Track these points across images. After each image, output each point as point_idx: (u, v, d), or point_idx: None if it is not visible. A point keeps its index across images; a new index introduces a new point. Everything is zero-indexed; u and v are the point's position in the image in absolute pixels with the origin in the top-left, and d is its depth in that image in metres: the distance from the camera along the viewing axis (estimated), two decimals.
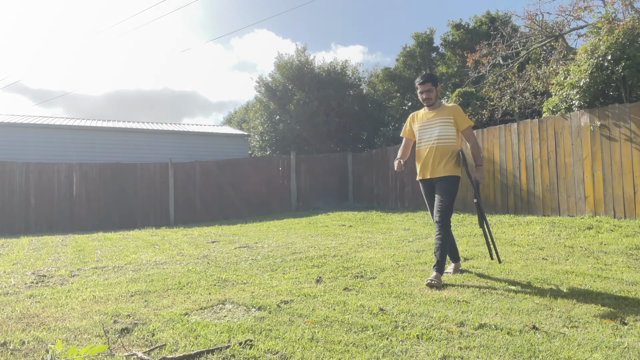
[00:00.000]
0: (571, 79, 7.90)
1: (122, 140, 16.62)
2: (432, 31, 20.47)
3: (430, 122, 4.11)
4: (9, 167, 11.90)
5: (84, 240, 8.30)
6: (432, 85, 4.07)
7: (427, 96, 4.08)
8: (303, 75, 17.60)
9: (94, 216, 12.53)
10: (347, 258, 5.19)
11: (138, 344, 2.54)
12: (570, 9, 12.30)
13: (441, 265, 3.80)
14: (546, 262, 4.60)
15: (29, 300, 3.63)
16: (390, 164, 12.06)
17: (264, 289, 3.79)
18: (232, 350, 2.37)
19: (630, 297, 3.25)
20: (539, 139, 8.04)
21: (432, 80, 4.10)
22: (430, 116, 4.12)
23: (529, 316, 2.88)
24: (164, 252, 6.32)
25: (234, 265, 5.02)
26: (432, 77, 4.15)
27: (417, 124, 4.22)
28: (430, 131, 4.09)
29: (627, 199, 6.71)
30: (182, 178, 13.34)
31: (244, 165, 14.04)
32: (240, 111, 37.06)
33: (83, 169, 12.62)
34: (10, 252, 6.91)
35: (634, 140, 6.69)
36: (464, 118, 4.09)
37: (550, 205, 7.82)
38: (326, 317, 2.91)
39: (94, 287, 4.07)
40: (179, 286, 3.99)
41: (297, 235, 7.70)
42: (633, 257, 4.70)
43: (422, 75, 4.19)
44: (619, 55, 7.25)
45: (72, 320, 3.01)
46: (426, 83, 4.07)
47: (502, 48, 13.61)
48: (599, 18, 8.35)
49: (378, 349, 2.35)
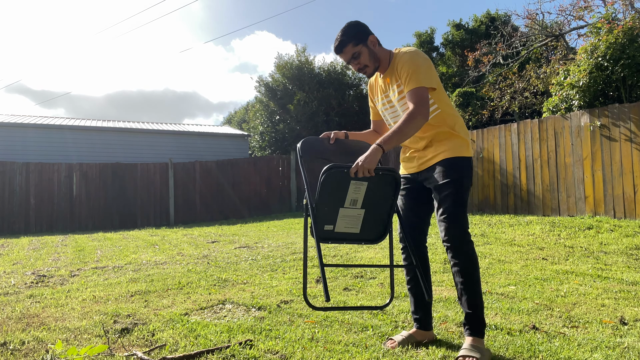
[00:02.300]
0: (571, 79, 7.90)
1: (122, 140, 16.63)
2: (432, 31, 20.50)
3: (389, 100, 2.50)
4: (9, 167, 11.90)
5: (84, 240, 8.30)
6: (354, 46, 2.38)
7: (359, 66, 2.44)
8: (303, 75, 17.60)
9: (94, 216, 12.54)
10: (347, 258, 5.19)
11: (138, 344, 2.54)
12: (571, 8, 12.32)
13: (475, 320, 2.22)
14: (546, 262, 4.60)
15: (29, 300, 3.63)
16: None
17: (264, 289, 3.79)
18: (232, 350, 2.37)
19: (630, 297, 3.25)
20: (539, 139, 8.04)
21: (352, 40, 2.38)
22: (385, 88, 2.50)
23: (529, 316, 2.88)
24: (164, 252, 6.32)
25: (234, 265, 5.02)
26: (349, 34, 2.39)
27: (378, 102, 2.61)
28: (395, 113, 2.49)
29: (627, 199, 6.71)
30: (182, 178, 13.34)
31: (244, 165, 14.04)
32: (240, 111, 37.07)
33: (83, 169, 12.62)
34: (10, 252, 6.91)
35: (634, 140, 6.69)
36: (412, 73, 2.27)
37: (550, 205, 7.82)
38: (326, 317, 2.91)
39: (94, 287, 4.06)
40: (179, 286, 3.99)
41: (297, 235, 7.70)
42: (633, 257, 4.70)
43: (335, 41, 2.42)
44: (618, 55, 7.25)
45: (72, 320, 3.01)
46: (345, 48, 2.39)
47: (503, 47, 13.61)
48: (599, 18, 8.35)
49: (378, 349, 2.35)
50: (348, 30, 2.41)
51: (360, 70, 2.46)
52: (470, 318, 2.22)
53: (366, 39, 2.41)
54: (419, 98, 2.21)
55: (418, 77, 2.25)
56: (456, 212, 2.26)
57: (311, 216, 2.04)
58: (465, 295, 2.23)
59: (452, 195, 2.27)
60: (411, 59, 2.30)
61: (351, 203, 2.10)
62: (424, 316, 2.47)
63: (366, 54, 2.41)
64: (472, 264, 2.24)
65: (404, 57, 2.34)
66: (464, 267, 2.23)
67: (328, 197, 2.08)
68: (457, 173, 2.30)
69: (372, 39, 2.43)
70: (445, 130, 2.37)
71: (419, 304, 2.47)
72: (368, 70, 2.46)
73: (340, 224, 2.12)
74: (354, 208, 2.11)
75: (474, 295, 2.23)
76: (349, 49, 2.41)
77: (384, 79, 2.48)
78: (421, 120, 2.19)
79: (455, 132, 2.37)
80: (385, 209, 2.18)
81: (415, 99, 2.22)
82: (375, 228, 2.22)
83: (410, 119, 2.17)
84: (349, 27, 2.43)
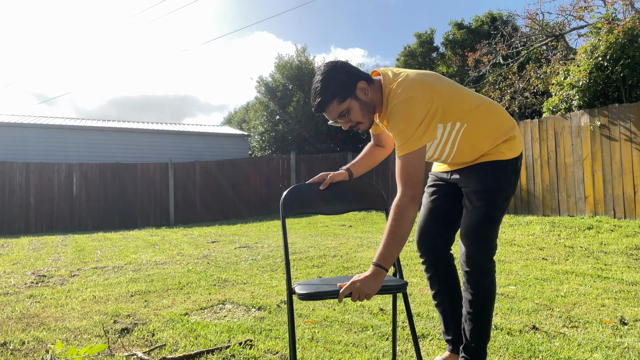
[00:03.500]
0: (571, 79, 7.90)
1: (122, 140, 16.62)
2: (432, 31, 20.50)
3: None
4: (9, 167, 11.90)
5: (84, 240, 8.30)
6: (340, 103, 1.83)
7: (350, 124, 1.91)
8: (303, 75, 17.60)
9: (94, 216, 12.54)
10: (347, 258, 5.19)
11: (138, 344, 2.54)
12: (571, 8, 12.32)
13: (474, 353, 1.96)
14: (546, 262, 4.60)
15: (29, 300, 3.63)
16: (390, 164, 12.06)
17: (264, 289, 3.79)
18: (232, 350, 2.37)
19: (630, 297, 3.25)
20: (539, 139, 8.04)
21: (335, 96, 1.82)
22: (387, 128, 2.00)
23: (529, 316, 2.88)
24: (164, 252, 6.32)
25: (234, 265, 5.02)
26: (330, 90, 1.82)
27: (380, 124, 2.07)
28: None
29: (627, 199, 6.71)
30: (182, 178, 13.34)
31: (244, 165, 14.04)
32: (241, 111, 37.09)
33: (83, 169, 12.62)
34: (10, 252, 6.91)
35: (634, 140, 6.69)
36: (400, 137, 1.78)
37: (550, 205, 7.82)
38: (326, 317, 2.91)
39: (94, 287, 4.06)
40: (179, 286, 3.99)
41: (297, 235, 7.70)
42: (633, 257, 4.70)
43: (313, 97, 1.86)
44: (618, 55, 7.25)
45: (72, 320, 3.01)
46: (328, 108, 1.85)
47: (503, 47, 13.62)
48: (599, 18, 8.35)
49: (378, 349, 2.35)
50: (328, 84, 1.81)
51: (351, 129, 1.94)
52: (470, 349, 1.95)
53: (354, 89, 1.82)
54: (407, 174, 1.75)
55: (407, 141, 1.75)
56: (486, 231, 1.90)
57: (285, 272, 1.87)
58: (471, 325, 1.93)
59: (485, 208, 1.88)
60: (401, 117, 1.77)
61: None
62: (456, 338, 2.04)
63: (357, 109, 1.85)
64: (486, 299, 1.91)
65: (395, 111, 1.79)
66: (477, 302, 1.92)
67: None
68: (497, 181, 1.89)
69: (361, 86, 1.83)
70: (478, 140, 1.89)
71: (449, 324, 2.07)
72: (362, 127, 1.92)
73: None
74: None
75: (479, 328, 1.92)
76: (334, 107, 1.84)
77: (382, 122, 1.96)
78: (413, 209, 1.74)
79: (493, 134, 1.89)
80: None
81: (404, 176, 1.76)
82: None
83: (400, 215, 1.71)
84: (329, 78, 1.82)
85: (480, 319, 1.92)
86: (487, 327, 1.95)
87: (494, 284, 1.96)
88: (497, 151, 1.89)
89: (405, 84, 1.80)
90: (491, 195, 1.89)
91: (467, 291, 1.94)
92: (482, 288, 1.91)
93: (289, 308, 1.77)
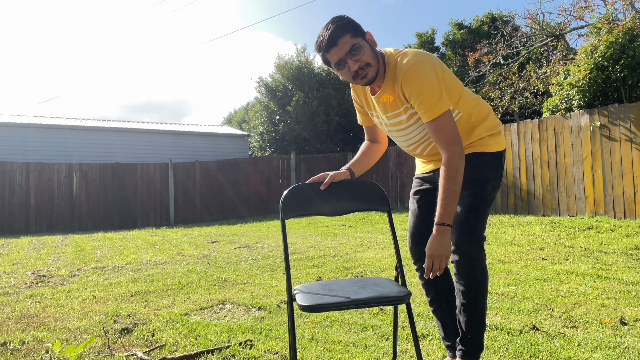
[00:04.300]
0: (571, 79, 7.90)
1: (122, 140, 16.62)
2: (433, 31, 20.53)
3: (395, 122, 1.96)
4: (9, 167, 11.90)
5: (84, 240, 8.30)
6: (353, 37, 1.76)
7: (359, 65, 1.78)
8: (303, 75, 17.60)
9: (94, 216, 12.54)
10: (347, 258, 5.19)
11: (138, 344, 2.54)
12: (571, 8, 12.32)
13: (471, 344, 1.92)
14: (546, 262, 4.60)
15: (29, 300, 3.63)
16: (390, 164, 12.06)
17: (264, 289, 3.79)
18: (232, 350, 2.37)
19: (630, 297, 3.25)
20: (539, 139, 8.04)
21: (350, 29, 1.76)
22: (383, 106, 1.94)
23: (529, 316, 2.88)
24: (164, 252, 6.32)
25: (234, 265, 5.02)
26: (345, 23, 1.78)
27: (373, 117, 2.09)
28: (405, 135, 2.00)
29: (627, 199, 6.71)
30: (182, 178, 13.35)
31: (244, 165, 14.04)
32: (240, 111, 37.08)
33: (83, 169, 12.62)
34: (10, 252, 6.91)
35: (634, 140, 6.69)
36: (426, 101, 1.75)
37: (550, 205, 7.82)
38: (326, 317, 2.91)
39: (94, 287, 4.06)
40: (179, 286, 3.99)
41: (297, 235, 7.70)
42: (633, 257, 4.70)
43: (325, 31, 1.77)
44: (618, 55, 7.25)
45: (72, 320, 3.01)
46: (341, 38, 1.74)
47: (503, 47, 13.62)
48: (599, 18, 8.35)
49: (378, 349, 2.35)
50: (342, 20, 1.78)
51: (357, 74, 1.80)
52: (467, 341, 1.92)
53: (364, 33, 1.82)
54: (447, 135, 1.75)
55: (435, 103, 1.74)
56: (471, 221, 1.85)
57: (285, 275, 1.84)
58: (466, 317, 1.90)
59: (470, 198, 1.85)
60: (418, 81, 1.75)
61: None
62: (456, 344, 1.99)
63: (368, 49, 1.79)
64: (478, 289, 1.87)
65: (409, 76, 1.76)
66: (469, 292, 1.88)
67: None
68: (483, 172, 1.89)
69: (369, 37, 1.83)
70: (467, 128, 1.94)
71: (449, 329, 2.03)
72: (370, 72, 1.80)
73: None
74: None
75: (474, 318, 1.90)
76: (347, 40, 1.74)
77: (379, 96, 1.91)
78: (463, 164, 1.75)
79: (481, 124, 1.94)
80: None
81: (443, 138, 1.75)
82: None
83: (454, 174, 1.72)
84: (341, 17, 1.80)
85: (474, 309, 1.89)
86: (482, 318, 1.92)
87: (485, 273, 1.93)
88: (483, 143, 1.92)
89: (411, 53, 1.82)
90: (476, 186, 1.87)
91: (458, 282, 1.91)
92: (473, 278, 1.87)
93: (289, 308, 1.76)
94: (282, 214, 1.95)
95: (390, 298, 1.66)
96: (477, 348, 1.92)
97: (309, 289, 1.80)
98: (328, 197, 2.01)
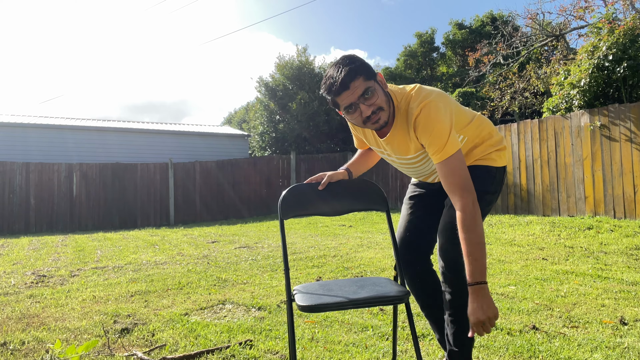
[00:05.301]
0: (571, 79, 7.90)
1: (122, 140, 16.62)
2: (433, 31, 20.53)
3: (402, 160, 1.95)
4: (9, 167, 11.91)
5: (84, 240, 8.30)
6: (366, 80, 1.67)
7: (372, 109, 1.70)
8: (303, 75, 17.61)
9: (94, 216, 12.54)
10: (347, 258, 5.19)
11: (138, 344, 2.54)
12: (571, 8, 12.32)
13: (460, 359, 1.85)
14: (546, 262, 4.60)
15: (29, 300, 3.63)
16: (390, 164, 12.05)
17: (264, 289, 3.79)
18: (232, 350, 2.37)
19: (630, 297, 3.25)
20: (539, 139, 8.04)
21: (363, 72, 1.67)
22: (392, 147, 1.89)
23: (529, 316, 2.88)
24: (164, 252, 6.32)
25: (234, 265, 5.02)
26: (357, 64, 1.68)
27: (379, 152, 2.05)
28: (411, 170, 2.00)
29: (627, 199, 6.71)
30: (182, 178, 13.35)
31: (244, 165, 14.04)
32: (241, 111, 37.08)
33: (83, 169, 12.62)
34: (10, 252, 6.91)
35: (634, 140, 6.69)
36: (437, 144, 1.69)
37: (550, 205, 7.82)
38: (326, 317, 2.91)
39: (94, 287, 4.07)
40: (179, 286, 3.99)
41: (297, 235, 7.70)
42: (633, 257, 4.70)
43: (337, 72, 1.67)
44: (619, 56, 7.25)
45: (72, 320, 3.01)
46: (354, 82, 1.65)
47: (503, 47, 13.62)
48: (600, 18, 8.35)
49: (378, 349, 2.35)
50: (354, 62, 1.67)
51: (369, 119, 1.70)
52: (454, 355, 1.83)
53: (376, 75, 1.72)
54: (458, 178, 1.67)
55: (443, 144, 1.68)
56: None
57: (285, 275, 1.84)
58: (453, 328, 1.81)
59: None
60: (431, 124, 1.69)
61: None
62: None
63: (381, 92, 1.71)
64: (465, 297, 1.64)
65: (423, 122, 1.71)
66: (456, 301, 1.79)
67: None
68: (484, 184, 1.83)
69: (380, 78, 1.75)
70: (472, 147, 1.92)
71: (443, 330, 1.96)
72: (383, 117, 1.72)
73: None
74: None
75: (461, 332, 1.80)
76: (360, 83, 1.65)
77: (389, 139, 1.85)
78: (479, 211, 1.66)
79: (486, 141, 1.93)
80: None
81: (455, 182, 1.67)
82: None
83: (471, 223, 1.62)
84: (354, 58, 1.69)
85: (461, 321, 1.79)
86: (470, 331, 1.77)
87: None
88: (489, 157, 1.91)
89: (423, 92, 1.75)
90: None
91: (445, 291, 1.84)
92: (459, 290, 1.74)
93: (288, 308, 1.76)
94: (280, 214, 1.94)
95: (389, 298, 1.66)
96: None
97: (308, 289, 1.80)
98: (327, 197, 2.00)
